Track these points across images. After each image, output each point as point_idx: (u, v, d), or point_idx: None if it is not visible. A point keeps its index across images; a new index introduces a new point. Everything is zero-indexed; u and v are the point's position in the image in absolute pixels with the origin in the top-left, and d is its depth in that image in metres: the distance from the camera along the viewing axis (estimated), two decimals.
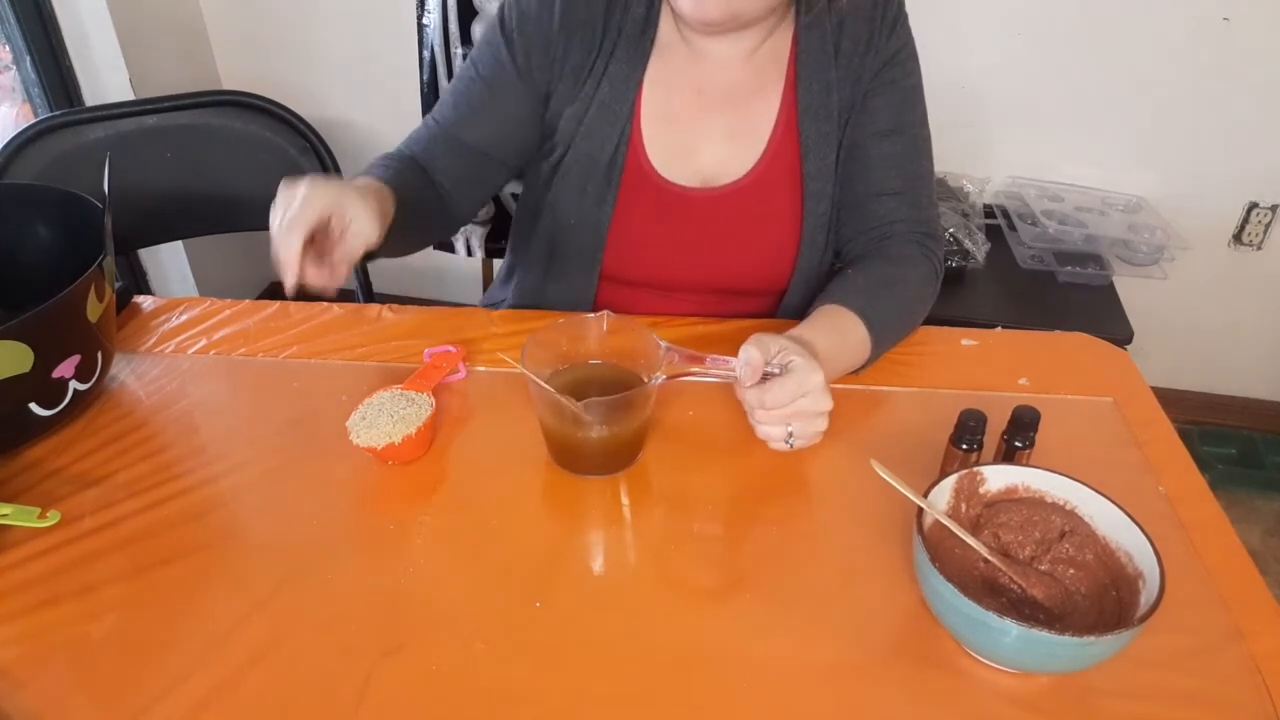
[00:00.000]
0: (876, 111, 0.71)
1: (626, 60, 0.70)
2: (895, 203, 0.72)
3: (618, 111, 0.71)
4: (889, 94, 0.71)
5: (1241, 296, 1.49)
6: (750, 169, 0.72)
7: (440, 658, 0.46)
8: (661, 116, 0.72)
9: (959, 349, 0.70)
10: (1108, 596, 0.46)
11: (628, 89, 0.71)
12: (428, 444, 0.60)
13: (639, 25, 0.71)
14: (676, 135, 0.72)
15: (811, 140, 0.71)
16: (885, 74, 0.71)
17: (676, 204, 0.73)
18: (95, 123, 0.99)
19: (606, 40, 0.71)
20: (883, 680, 0.45)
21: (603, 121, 0.71)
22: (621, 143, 0.71)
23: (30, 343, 0.54)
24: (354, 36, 1.59)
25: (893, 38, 0.70)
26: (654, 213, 0.73)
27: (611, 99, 0.71)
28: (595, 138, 0.71)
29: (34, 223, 0.68)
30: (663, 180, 0.72)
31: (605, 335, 0.60)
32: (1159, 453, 0.60)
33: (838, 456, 0.59)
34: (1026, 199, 1.41)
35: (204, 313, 0.75)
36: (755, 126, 0.72)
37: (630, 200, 0.73)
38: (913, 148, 0.73)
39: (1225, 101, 1.33)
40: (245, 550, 0.53)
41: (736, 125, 0.72)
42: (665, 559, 0.52)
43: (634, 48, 0.70)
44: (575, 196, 0.73)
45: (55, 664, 0.46)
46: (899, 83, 0.71)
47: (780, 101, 0.71)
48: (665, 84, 0.72)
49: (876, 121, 0.71)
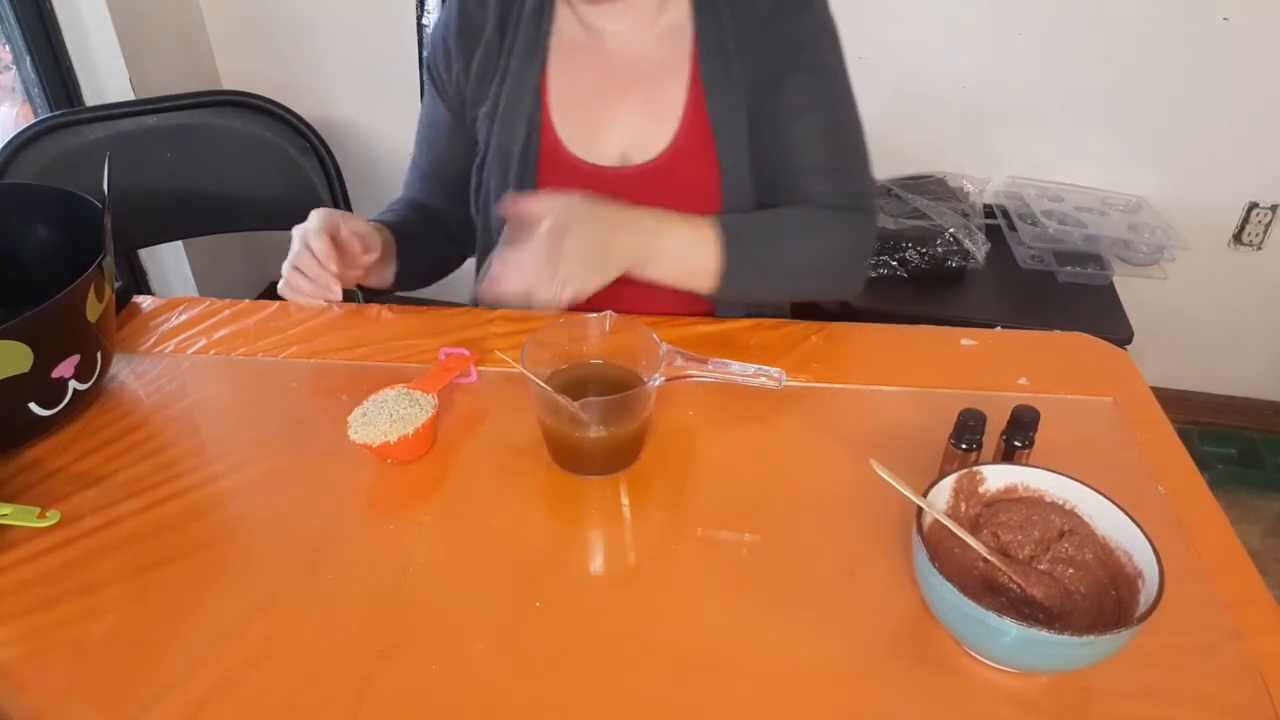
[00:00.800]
0: (793, 91, 0.71)
1: (524, 52, 0.73)
2: (819, 178, 0.72)
3: (521, 100, 0.73)
4: (805, 74, 0.71)
5: (1241, 296, 1.49)
6: (666, 146, 0.73)
7: (440, 658, 0.46)
8: (570, 99, 0.74)
9: (959, 349, 0.70)
10: (1107, 596, 0.46)
11: (528, 77, 0.73)
12: (427, 446, 0.59)
13: (534, 17, 0.73)
14: (587, 115, 0.74)
15: (720, 115, 0.71)
16: (797, 55, 0.71)
17: (596, 185, 0.73)
18: (95, 123, 0.99)
19: (506, 39, 0.74)
20: (882, 680, 0.45)
21: (511, 115, 0.73)
22: (532, 130, 0.73)
23: (30, 343, 0.54)
24: (354, 36, 1.59)
25: (800, 20, 0.70)
26: None
27: (516, 91, 0.73)
28: (507, 131, 0.74)
29: (34, 223, 0.68)
30: (579, 161, 0.73)
31: (606, 335, 0.60)
32: (1159, 453, 0.59)
33: (838, 456, 0.59)
34: (1026, 199, 1.41)
35: (204, 312, 0.75)
36: (667, 103, 0.73)
37: (550, 184, 0.74)
38: (835, 124, 0.72)
39: (1225, 101, 1.33)
40: (245, 550, 0.53)
41: (647, 102, 0.73)
42: (665, 559, 0.52)
43: (530, 37, 0.73)
44: (499, 190, 0.75)
45: (55, 664, 0.46)
46: (813, 63, 0.71)
47: (689, 78, 0.72)
48: (569, 67, 0.74)
49: (793, 100, 0.71)
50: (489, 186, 0.76)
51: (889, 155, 1.48)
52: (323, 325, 0.74)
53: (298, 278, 0.67)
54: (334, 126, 1.55)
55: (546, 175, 0.74)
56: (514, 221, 0.60)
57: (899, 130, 1.45)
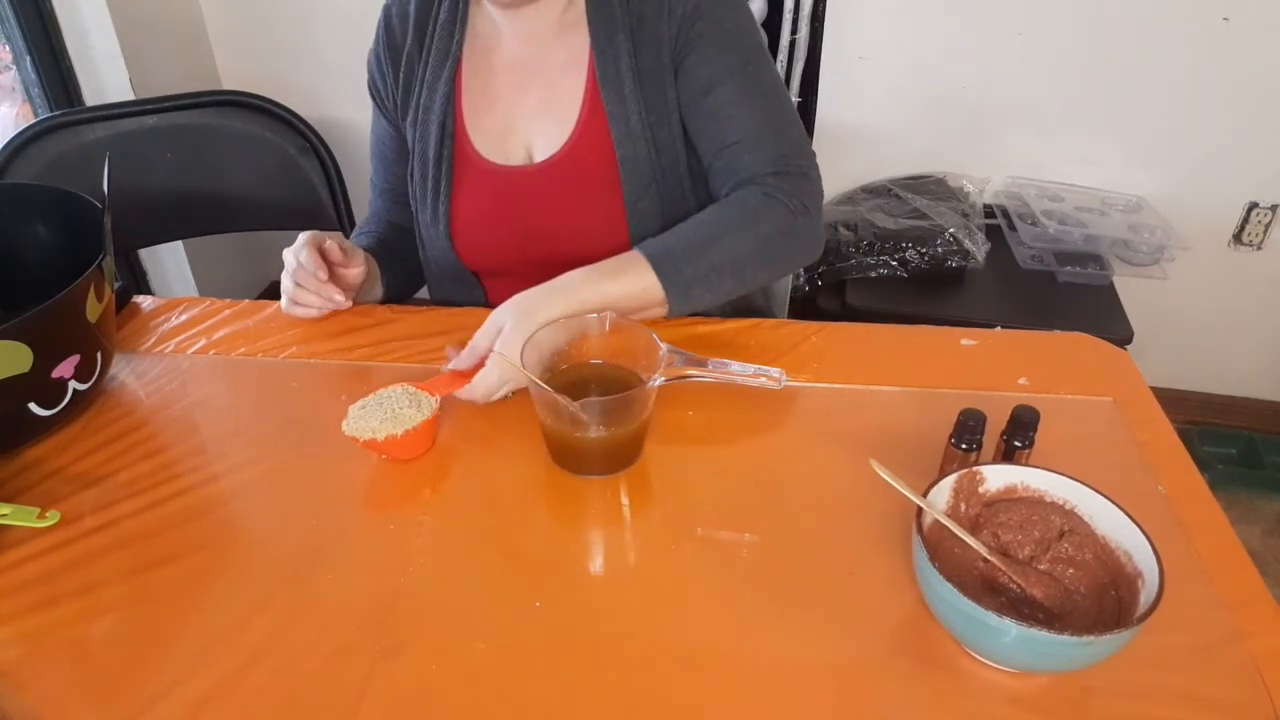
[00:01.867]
0: (693, 70, 0.70)
1: (437, 60, 0.75)
2: (739, 152, 0.71)
3: (433, 107, 0.75)
4: (700, 49, 0.69)
5: (1241, 296, 1.49)
6: (564, 143, 0.73)
7: (440, 658, 0.46)
8: (481, 102, 0.75)
9: (959, 349, 0.70)
10: (1107, 596, 0.46)
11: (440, 84, 0.75)
12: (422, 447, 0.59)
13: (448, 27, 0.75)
14: (493, 117, 0.75)
15: (613, 106, 0.71)
16: (690, 31, 0.69)
17: (503, 184, 0.75)
18: (95, 123, 0.99)
19: (423, 49, 0.76)
20: (882, 680, 0.45)
21: (426, 121, 0.76)
22: (445, 136, 0.75)
23: (30, 343, 0.54)
24: (354, 36, 1.58)
25: None
26: (487, 196, 0.76)
27: (429, 98, 0.76)
28: (424, 138, 0.76)
29: (34, 223, 0.68)
30: (487, 163, 0.75)
31: (606, 335, 0.60)
32: (1159, 453, 0.59)
33: (837, 456, 0.59)
34: (1026, 199, 1.41)
35: (204, 312, 0.75)
36: (566, 99, 0.73)
37: (463, 187, 0.76)
38: (741, 92, 0.70)
39: (1225, 101, 1.33)
40: (245, 550, 0.53)
41: (548, 99, 0.74)
42: (665, 559, 0.52)
43: (444, 45, 0.75)
44: (420, 195, 0.78)
45: (55, 664, 0.46)
46: (707, 35, 0.69)
47: (586, 73, 0.73)
48: (480, 71, 0.75)
49: (697, 80, 0.70)
50: (413, 193, 0.79)
51: (889, 155, 1.48)
52: (323, 325, 0.74)
53: (299, 291, 0.71)
54: (334, 126, 1.55)
55: (461, 178, 0.76)
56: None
57: (899, 130, 1.46)
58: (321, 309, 0.72)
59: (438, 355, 0.69)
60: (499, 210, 0.76)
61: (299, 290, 0.71)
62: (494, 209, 0.76)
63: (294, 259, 0.70)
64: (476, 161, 0.75)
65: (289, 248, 0.71)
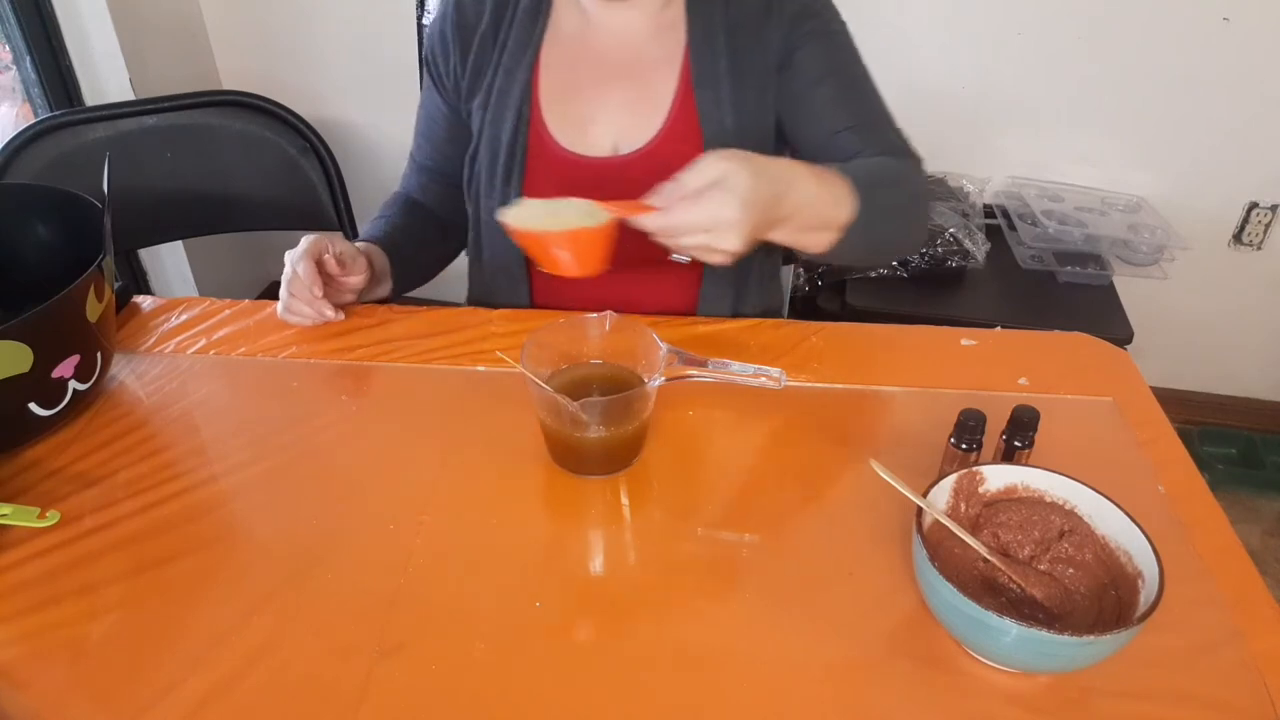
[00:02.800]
0: (804, 64, 0.72)
1: (518, 46, 0.74)
2: (853, 136, 0.72)
3: (510, 93, 0.74)
4: (811, 46, 0.72)
5: (1241, 296, 1.49)
6: (651, 139, 0.73)
7: (440, 658, 0.46)
8: (561, 92, 0.74)
9: (959, 349, 0.70)
10: (1107, 596, 0.46)
11: (519, 71, 0.74)
12: (586, 259, 0.54)
13: (530, 13, 0.75)
14: (576, 108, 0.75)
15: (707, 107, 0.72)
16: (801, 28, 0.72)
17: (582, 175, 0.74)
18: (95, 122, 0.99)
19: (501, 33, 0.75)
20: (882, 680, 0.45)
21: (500, 106, 0.75)
22: (520, 122, 0.74)
23: (30, 343, 0.54)
24: (354, 36, 1.59)
25: (789, 1, 0.72)
26: (562, 186, 0.75)
27: (506, 83, 0.74)
28: (496, 122, 0.75)
29: (34, 223, 0.68)
30: (566, 152, 0.74)
31: (606, 335, 0.60)
32: (1159, 453, 0.59)
33: (837, 456, 0.59)
34: (1026, 199, 1.41)
35: (203, 312, 0.75)
36: (656, 96, 0.74)
37: (537, 175, 0.75)
38: (853, 86, 0.73)
39: (1225, 101, 1.33)
40: (245, 550, 0.53)
41: (636, 95, 0.74)
42: (665, 559, 0.52)
43: (525, 31, 0.75)
44: (488, 180, 0.77)
45: (55, 664, 0.46)
46: (817, 33, 0.72)
47: (680, 71, 0.73)
48: (563, 61, 0.75)
49: (809, 72, 0.72)
50: (479, 178, 0.78)
51: None
52: (323, 325, 0.74)
53: (293, 301, 0.71)
54: (334, 126, 1.55)
55: (534, 166, 0.75)
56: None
57: None
58: (315, 320, 0.73)
59: (438, 355, 0.69)
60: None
61: (293, 300, 0.71)
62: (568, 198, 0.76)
63: (291, 269, 0.69)
64: (553, 150, 0.74)
65: (291, 251, 0.70)
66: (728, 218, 0.53)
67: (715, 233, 0.54)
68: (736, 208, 0.52)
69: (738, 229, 0.53)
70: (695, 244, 0.55)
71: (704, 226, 0.54)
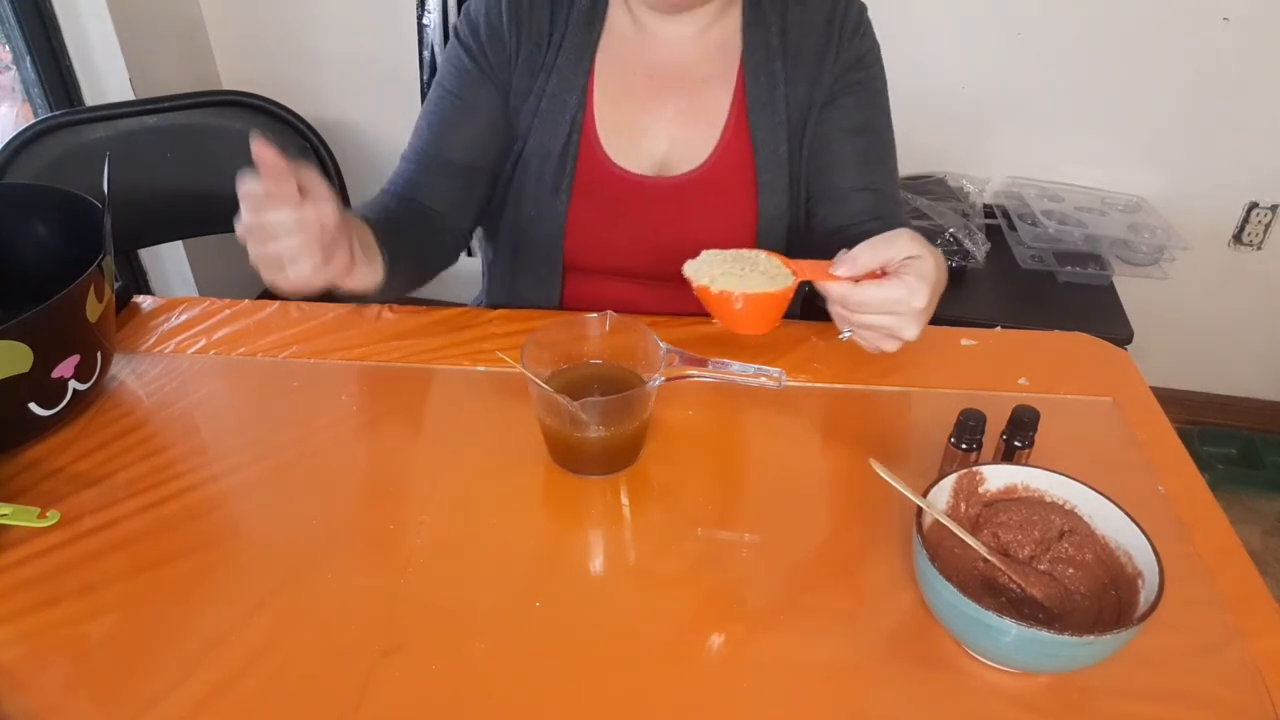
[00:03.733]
0: (847, 109, 0.73)
1: (574, 50, 0.72)
2: (871, 198, 0.73)
3: (566, 101, 0.72)
4: (857, 95, 0.73)
5: (1241, 296, 1.49)
6: (705, 160, 0.73)
7: (440, 658, 0.46)
8: (613, 102, 0.73)
9: (958, 349, 0.70)
10: (1107, 596, 0.46)
11: (576, 78, 0.72)
12: (757, 320, 0.54)
13: (585, 14, 0.72)
14: (628, 119, 0.73)
15: (761, 134, 0.72)
16: (852, 75, 0.72)
17: (632, 192, 0.74)
18: (95, 122, 0.99)
19: (555, 33, 0.72)
20: (882, 680, 0.45)
21: (554, 112, 0.72)
22: (574, 132, 0.72)
23: (30, 343, 0.54)
24: (354, 36, 1.59)
25: (855, 41, 0.72)
26: (610, 201, 0.74)
27: (561, 89, 0.72)
28: (548, 129, 0.73)
29: (33, 223, 0.67)
30: (616, 168, 0.73)
31: (606, 335, 0.60)
32: (1159, 453, 0.59)
33: (837, 456, 0.59)
34: (1026, 199, 1.41)
35: (204, 312, 0.75)
36: (709, 115, 0.73)
37: (586, 188, 0.74)
38: (882, 148, 0.75)
39: (1225, 101, 1.33)
40: (245, 550, 0.53)
41: (689, 110, 0.73)
42: (665, 559, 0.52)
43: (581, 36, 0.72)
44: (533, 188, 0.74)
45: (55, 664, 0.46)
46: (866, 85, 0.73)
47: (733, 93, 0.72)
48: (616, 69, 0.73)
49: (849, 118, 0.73)
50: (519, 182, 0.75)
51: None
52: (322, 325, 0.74)
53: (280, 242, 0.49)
54: (334, 127, 1.55)
55: (584, 178, 0.73)
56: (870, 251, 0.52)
57: (898, 130, 1.44)
58: (304, 234, 0.49)
59: (438, 355, 0.69)
60: (622, 217, 0.74)
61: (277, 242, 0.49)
62: (616, 213, 0.74)
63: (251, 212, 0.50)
64: (604, 163, 0.73)
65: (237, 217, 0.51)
66: (916, 306, 0.52)
67: (901, 317, 0.53)
68: (926, 295, 0.51)
69: (920, 319, 0.52)
70: (876, 323, 0.53)
71: (890, 308, 0.52)
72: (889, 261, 0.53)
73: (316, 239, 0.50)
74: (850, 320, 0.55)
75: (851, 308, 0.54)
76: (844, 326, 0.57)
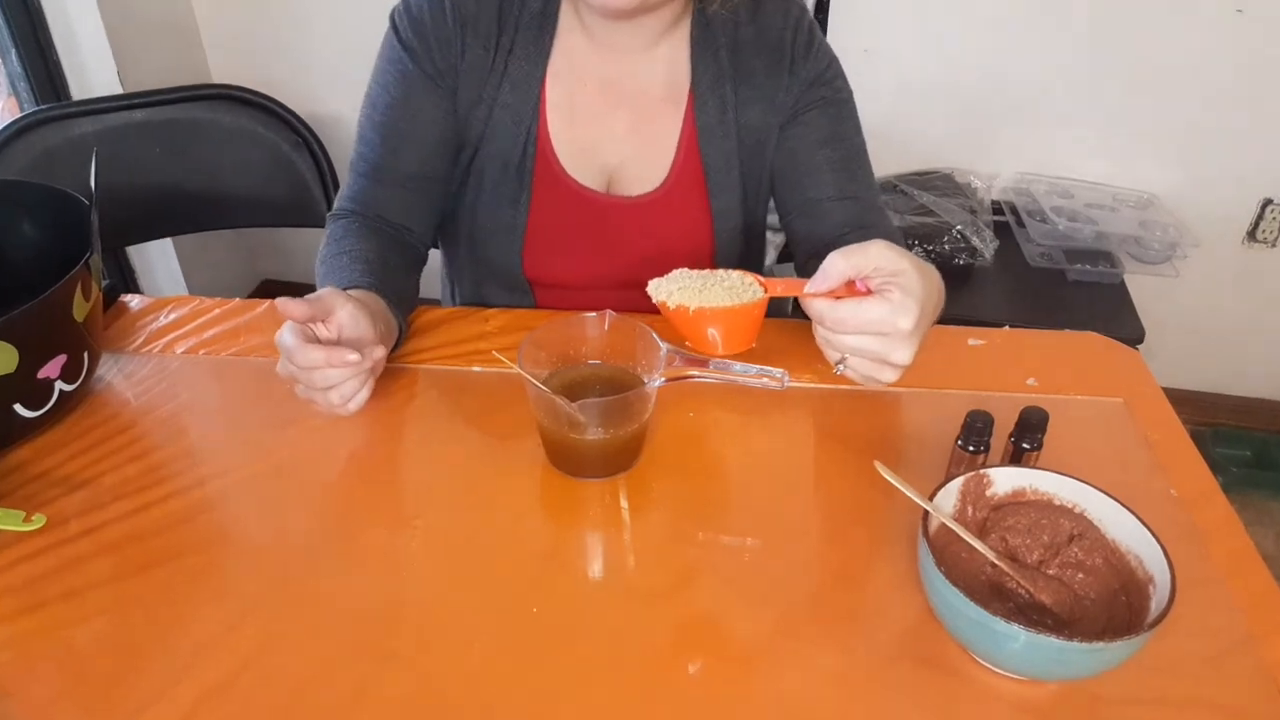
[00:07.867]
0: (814, 124, 0.73)
1: (527, 58, 0.69)
2: (853, 207, 0.73)
3: (521, 111, 0.71)
4: (823, 109, 0.73)
5: (1255, 295, 1.47)
6: (659, 184, 0.73)
7: (435, 663, 0.45)
8: (566, 111, 0.72)
9: (966, 348, 0.69)
10: (1117, 601, 0.45)
11: (530, 87, 0.70)
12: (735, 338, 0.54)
13: (537, 19, 0.69)
14: (580, 129, 0.72)
15: (712, 159, 0.72)
16: (814, 93, 0.72)
17: (589, 209, 0.73)
18: (82, 117, 0.98)
19: (504, 36, 0.69)
20: (887, 686, 0.44)
21: (509, 122, 0.71)
22: (529, 143, 0.71)
23: (15, 342, 0.53)
24: (344, 30, 1.58)
25: (811, 60, 0.72)
26: (567, 214, 0.74)
27: (515, 99, 0.70)
28: (503, 139, 0.71)
29: (19, 219, 0.67)
30: (572, 181, 0.73)
31: (605, 335, 0.59)
32: (1170, 455, 0.58)
33: (841, 458, 0.58)
34: (1035, 195, 1.40)
35: (193, 311, 0.74)
36: (660, 139, 0.73)
37: (543, 201, 0.73)
38: (855, 157, 0.74)
39: (1239, 96, 1.31)
40: (235, 554, 0.52)
41: (641, 131, 0.73)
42: (665, 564, 0.51)
43: (534, 43, 0.70)
44: (490, 199, 0.73)
45: (41, 670, 0.45)
46: (830, 99, 0.73)
47: (683, 118, 0.72)
48: (568, 76, 0.72)
49: (817, 132, 0.73)
50: (473, 190, 0.74)
51: (896, 151, 1.47)
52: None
53: (302, 372, 0.54)
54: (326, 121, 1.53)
55: (540, 190, 0.73)
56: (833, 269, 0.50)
57: (906, 125, 1.44)
58: (358, 379, 0.56)
59: (433, 355, 0.68)
60: (580, 230, 0.74)
61: (307, 375, 0.54)
62: (575, 228, 0.74)
63: (282, 343, 0.55)
64: (559, 175, 0.72)
65: (280, 342, 0.55)
66: (903, 327, 0.49)
67: (887, 339, 0.50)
68: (914, 314, 0.49)
69: (910, 341, 0.50)
70: (861, 346, 0.51)
71: (873, 328, 0.50)
72: (861, 269, 0.51)
73: (370, 376, 0.58)
74: (834, 344, 0.53)
75: (830, 326, 0.52)
76: (831, 353, 0.54)
